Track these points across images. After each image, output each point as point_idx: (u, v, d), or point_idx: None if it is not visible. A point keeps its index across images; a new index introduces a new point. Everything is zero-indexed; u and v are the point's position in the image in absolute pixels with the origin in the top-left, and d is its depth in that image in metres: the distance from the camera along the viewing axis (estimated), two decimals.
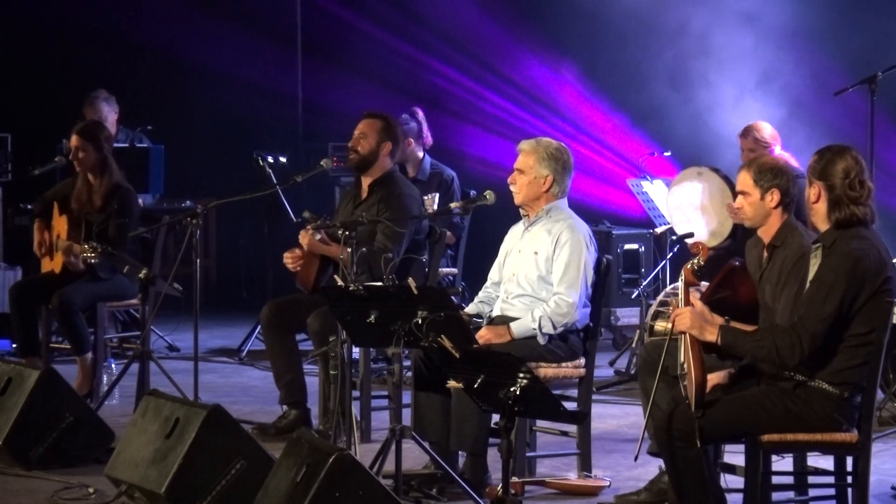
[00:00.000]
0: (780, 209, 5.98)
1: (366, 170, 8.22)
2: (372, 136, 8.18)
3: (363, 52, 13.86)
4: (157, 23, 13.94)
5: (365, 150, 8.19)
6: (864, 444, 5.70)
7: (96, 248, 8.29)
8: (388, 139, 8.20)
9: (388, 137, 8.21)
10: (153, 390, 6.88)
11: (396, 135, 8.29)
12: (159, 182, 11.41)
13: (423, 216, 8.34)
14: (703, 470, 5.66)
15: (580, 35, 12.73)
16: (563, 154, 7.11)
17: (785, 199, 5.97)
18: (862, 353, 5.62)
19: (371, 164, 8.20)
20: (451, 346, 5.80)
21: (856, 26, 11.48)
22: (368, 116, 8.29)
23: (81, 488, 6.73)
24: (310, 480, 5.59)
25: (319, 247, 7.91)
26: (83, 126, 9.13)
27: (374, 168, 8.21)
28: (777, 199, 5.96)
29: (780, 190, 5.96)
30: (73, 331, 8.88)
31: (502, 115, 13.28)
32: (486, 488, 6.68)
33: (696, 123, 12.01)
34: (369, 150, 8.19)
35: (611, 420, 8.60)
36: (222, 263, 14.32)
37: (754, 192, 5.99)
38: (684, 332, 5.70)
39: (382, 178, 8.20)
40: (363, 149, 8.19)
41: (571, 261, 6.95)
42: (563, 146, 7.17)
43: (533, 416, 6.65)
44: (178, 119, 13.37)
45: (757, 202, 5.99)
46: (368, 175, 8.22)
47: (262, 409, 8.62)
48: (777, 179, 5.96)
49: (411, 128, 10.02)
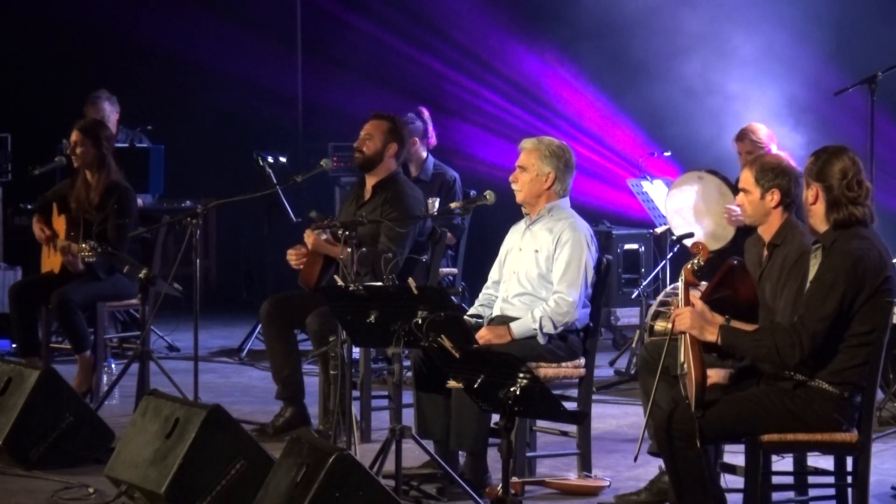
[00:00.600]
0: (781, 209, 5.97)
1: (370, 170, 8.22)
2: (378, 138, 8.19)
3: (363, 52, 13.87)
4: (158, 23, 13.95)
5: (370, 151, 8.20)
6: (864, 444, 5.70)
7: (94, 247, 8.29)
8: (393, 140, 8.21)
9: (394, 139, 8.21)
10: (153, 390, 6.88)
11: (402, 137, 8.30)
12: (159, 182, 11.41)
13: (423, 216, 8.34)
14: (703, 470, 5.66)
15: (581, 35, 12.73)
16: (565, 152, 7.13)
17: (786, 200, 5.96)
18: (862, 352, 5.62)
19: (376, 164, 8.20)
20: (451, 346, 5.80)
21: (856, 26, 11.48)
22: (375, 118, 8.29)
23: (81, 488, 6.73)
24: (310, 480, 5.59)
25: (325, 247, 7.91)
26: (85, 122, 9.16)
27: (378, 169, 8.21)
28: (777, 199, 5.95)
29: (781, 190, 5.95)
30: (72, 329, 8.88)
31: (502, 115, 13.29)
32: (486, 488, 6.68)
33: (696, 123, 12.00)
34: (375, 151, 8.19)
35: (611, 420, 8.60)
36: (222, 263, 14.34)
37: (755, 191, 5.99)
38: (684, 332, 5.70)
39: (387, 179, 8.21)
40: (368, 150, 8.20)
41: (572, 260, 6.95)
42: (565, 145, 7.19)
43: (533, 416, 6.65)
44: (178, 119, 13.38)
45: (757, 201, 5.98)
46: (373, 175, 8.22)
47: (262, 409, 8.62)
48: (778, 179, 5.96)
49: (417, 127, 10.05)
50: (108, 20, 13.67)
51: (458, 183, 9.99)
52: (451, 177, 10.00)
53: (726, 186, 9.10)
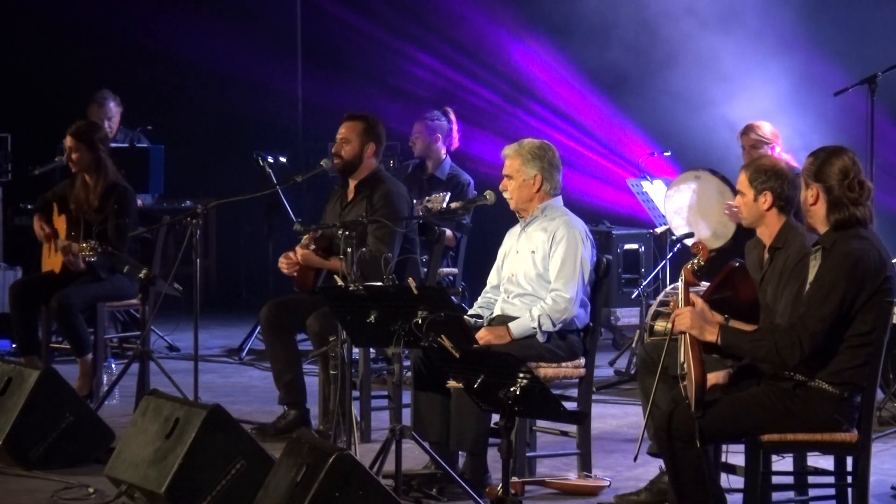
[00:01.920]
0: (775, 211, 5.96)
1: (352, 173, 8.21)
2: (355, 140, 8.16)
3: (363, 52, 13.87)
4: (158, 23, 13.95)
5: (349, 155, 8.17)
6: (864, 444, 5.70)
7: (95, 246, 8.29)
8: (370, 140, 8.18)
9: (371, 138, 8.18)
10: (153, 390, 6.88)
11: (379, 134, 8.24)
12: (159, 182, 11.41)
13: (422, 217, 8.34)
14: (703, 470, 5.66)
15: (581, 35, 12.73)
16: (548, 151, 7.10)
17: (778, 202, 5.95)
18: (862, 353, 5.62)
19: (356, 167, 8.19)
20: (450, 346, 5.80)
21: (856, 26, 11.48)
22: (349, 119, 8.26)
23: (81, 488, 6.73)
24: (310, 480, 5.59)
25: (317, 261, 7.93)
26: (77, 127, 9.11)
27: (359, 170, 8.20)
28: (769, 201, 5.94)
29: (773, 193, 5.94)
30: (73, 332, 8.88)
31: (502, 115, 13.28)
32: (486, 488, 6.68)
33: (696, 123, 12.00)
34: (353, 155, 8.17)
35: (611, 420, 8.60)
36: (222, 263, 14.33)
37: (748, 193, 6.00)
38: (684, 332, 5.70)
39: (368, 177, 8.19)
40: (347, 154, 8.18)
41: (567, 256, 6.95)
42: (546, 143, 7.15)
43: (533, 416, 6.65)
44: (178, 119, 13.38)
45: (750, 202, 5.99)
46: (354, 177, 8.21)
47: (262, 409, 8.62)
48: (770, 182, 5.95)
49: (441, 125, 10.13)
50: (108, 20, 13.67)
51: (471, 186, 9.99)
52: (466, 180, 10.03)
53: (724, 184, 9.09)
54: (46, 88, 13.25)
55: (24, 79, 13.44)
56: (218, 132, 13.95)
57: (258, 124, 13.81)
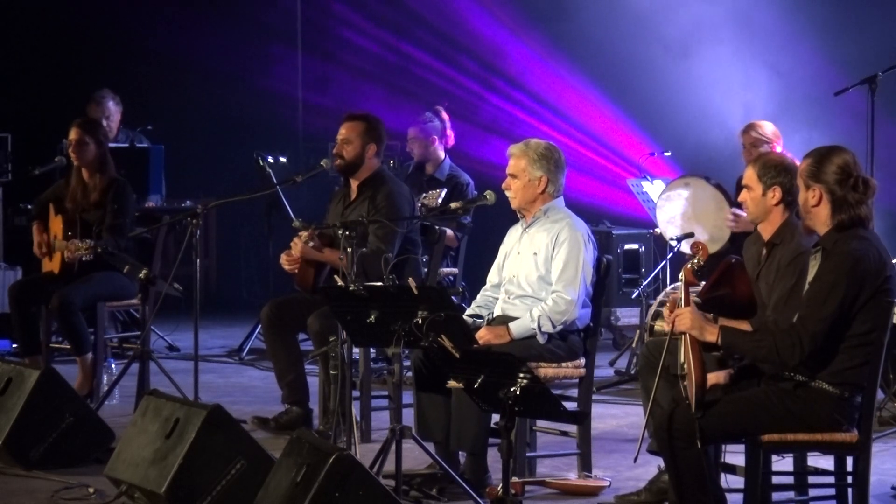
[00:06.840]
0: (782, 207, 5.98)
1: (353, 173, 8.21)
2: (356, 141, 8.16)
3: (364, 52, 13.87)
4: (158, 23, 13.96)
5: (350, 156, 8.18)
6: (864, 444, 5.70)
7: (93, 246, 8.28)
8: (371, 141, 8.18)
9: (372, 139, 8.18)
10: (153, 390, 6.88)
11: (380, 134, 8.25)
12: (159, 182, 11.41)
13: (422, 217, 8.33)
14: (703, 470, 5.66)
15: (581, 36, 12.73)
16: (554, 153, 7.10)
17: (787, 198, 5.97)
18: (862, 353, 5.62)
19: (358, 167, 8.20)
20: (451, 346, 5.80)
21: (856, 26, 11.48)
22: (349, 119, 8.27)
23: (81, 488, 6.73)
24: (310, 480, 5.59)
25: (313, 254, 7.92)
26: (85, 120, 9.15)
27: (361, 170, 8.20)
28: (778, 196, 5.96)
29: (783, 188, 5.96)
30: (73, 331, 8.88)
31: (502, 116, 13.29)
32: (486, 488, 6.68)
33: (696, 123, 12.01)
34: (355, 155, 8.17)
35: (611, 420, 8.60)
36: (222, 263, 14.33)
37: (757, 188, 6.00)
38: (684, 332, 5.70)
39: (370, 178, 8.19)
40: (348, 154, 8.18)
41: (570, 258, 6.95)
42: (553, 145, 7.16)
43: (533, 416, 6.65)
44: (178, 119, 13.37)
45: (759, 198, 6.00)
46: (356, 177, 8.21)
47: (262, 409, 8.61)
48: (780, 177, 5.97)
49: (434, 126, 10.10)
50: (108, 20, 13.67)
51: (471, 186, 9.99)
52: (465, 180, 10.02)
53: (715, 189, 9.08)
54: (46, 88, 13.25)
55: (24, 79, 13.44)
56: (218, 132, 13.95)
57: (258, 124, 13.81)
